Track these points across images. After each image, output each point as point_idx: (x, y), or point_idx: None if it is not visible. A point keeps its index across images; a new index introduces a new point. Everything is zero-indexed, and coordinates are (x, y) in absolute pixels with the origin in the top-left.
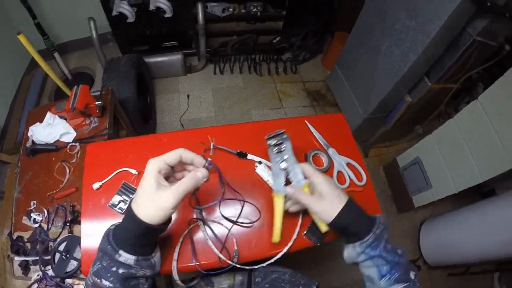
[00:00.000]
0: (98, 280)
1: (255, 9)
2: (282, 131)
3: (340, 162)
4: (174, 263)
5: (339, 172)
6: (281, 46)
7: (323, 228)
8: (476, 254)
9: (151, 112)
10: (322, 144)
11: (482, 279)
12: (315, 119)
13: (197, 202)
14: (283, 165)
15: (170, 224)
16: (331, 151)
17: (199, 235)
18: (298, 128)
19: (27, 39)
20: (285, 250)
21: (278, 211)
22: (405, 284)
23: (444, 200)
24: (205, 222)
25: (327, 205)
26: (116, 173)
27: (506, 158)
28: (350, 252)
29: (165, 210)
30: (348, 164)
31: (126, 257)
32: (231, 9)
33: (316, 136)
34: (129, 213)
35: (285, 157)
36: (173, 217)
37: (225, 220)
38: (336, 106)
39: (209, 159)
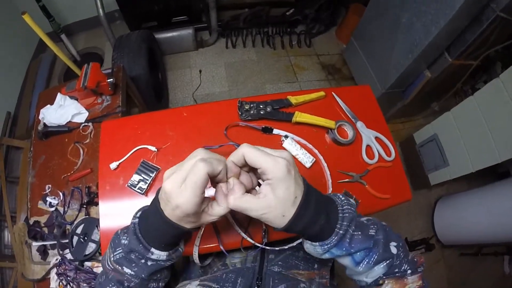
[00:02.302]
0: (119, 268)
1: None
2: None
3: (368, 135)
4: (196, 248)
5: (367, 146)
6: (294, 18)
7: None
8: (489, 235)
9: (163, 89)
10: (350, 116)
11: (493, 261)
12: (342, 90)
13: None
14: None
15: None
16: (360, 124)
17: (222, 220)
18: (324, 99)
19: (32, 19)
20: None
21: None
22: (387, 262)
23: (459, 179)
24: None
25: (278, 203)
26: (134, 151)
27: None
28: (310, 249)
29: (185, 213)
30: (376, 138)
31: (159, 254)
32: None
33: (343, 107)
34: (160, 216)
35: None
36: None
37: None
38: (352, 80)
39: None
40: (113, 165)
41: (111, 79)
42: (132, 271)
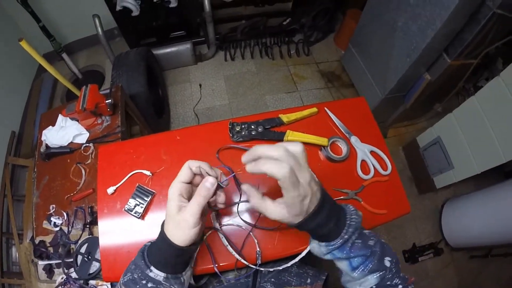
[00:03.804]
0: None
1: None
2: None
3: (363, 150)
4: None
5: (362, 161)
6: (291, 27)
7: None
8: (498, 236)
9: (163, 105)
10: (343, 132)
11: (503, 261)
12: (335, 104)
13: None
14: None
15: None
16: (354, 139)
17: (216, 241)
18: (317, 115)
19: (29, 45)
20: (307, 249)
21: None
22: (380, 273)
23: (466, 180)
24: (220, 230)
25: (292, 212)
26: (129, 176)
27: None
28: (315, 248)
29: (188, 229)
30: (371, 152)
31: (156, 273)
32: None
33: (336, 123)
34: (161, 235)
35: None
36: None
37: (243, 223)
38: (352, 86)
39: (225, 178)
40: (110, 190)
41: (109, 100)
42: None
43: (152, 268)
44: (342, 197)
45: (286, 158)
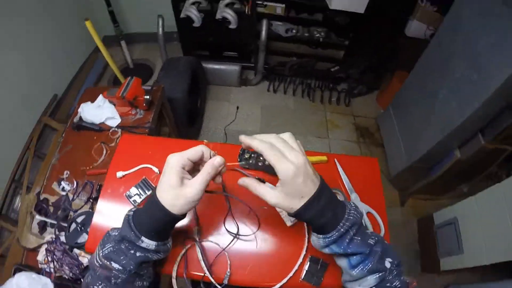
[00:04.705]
0: (108, 263)
1: (318, 35)
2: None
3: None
4: (174, 281)
5: None
6: (338, 75)
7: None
8: None
9: (198, 115)
10: (347, 187)
11: None
12: (346, 158)
13: (197, 221)
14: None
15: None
16: (354, 196)
17: (193, 255)
18: (326, 164)
19: (92, 26)
20: (278, 286)
21: None
22: (379, 274)
23: (473, 269)
24: (198, 243)
25: (288, 197)
26: (139, 168)
27: None
28: (315, 241)
29: (191, 203)
30: (368, 213)
31: (148, 243)
32: (294, 31)
33: (342, 176)
34: (155, 203)
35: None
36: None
37: (222, 242)
38: (382, 146)
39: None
40: (119, 174)
41: (148, 97)
42: (119, 266)
43: (143, 238)
44: None
45: (271, 136)
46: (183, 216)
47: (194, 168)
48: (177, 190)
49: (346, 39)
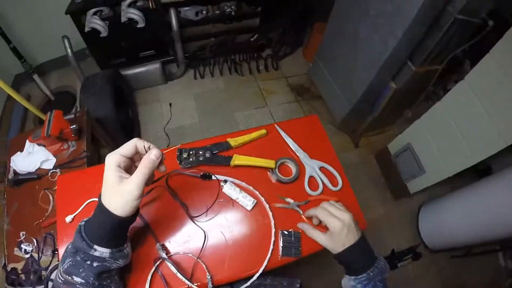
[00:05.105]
0: (69, 278)
1: (229, 9)
2: None
3: (312, 166)
4: None
5: (310, 177)
6: (260, 43)
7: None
8: (477, 235)
9: (134, 125)
10: (294, 149)
11: (487, 258)
12: (287, 123)
13: (156, 238)
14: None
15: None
16: (302, 155)
17: (167, 271)
18: (268, 136)
19: None
20: (260, 270)
21: None
22: None
23: (441, 183)
24: (167, 259)
25: (334, 243)
26: (85, 204)
27: (498, 137)
28: (345, 282)
29: (132, 201)
30: (321, 168)
31: (101, 251)
32: (204, 12)
33: (287, 142)
34: (100, 209)
35: None
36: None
37: (190, 250)
38: (321, 98)
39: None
40: (68, 219)
41: (74, 126)
42: (81, 279)
43: (96, 246)
44: (281, 204)
45: (323, 203)
46: (131, 218)
47: (133, 163)
48: (116, 188)
49: (257, 5)
